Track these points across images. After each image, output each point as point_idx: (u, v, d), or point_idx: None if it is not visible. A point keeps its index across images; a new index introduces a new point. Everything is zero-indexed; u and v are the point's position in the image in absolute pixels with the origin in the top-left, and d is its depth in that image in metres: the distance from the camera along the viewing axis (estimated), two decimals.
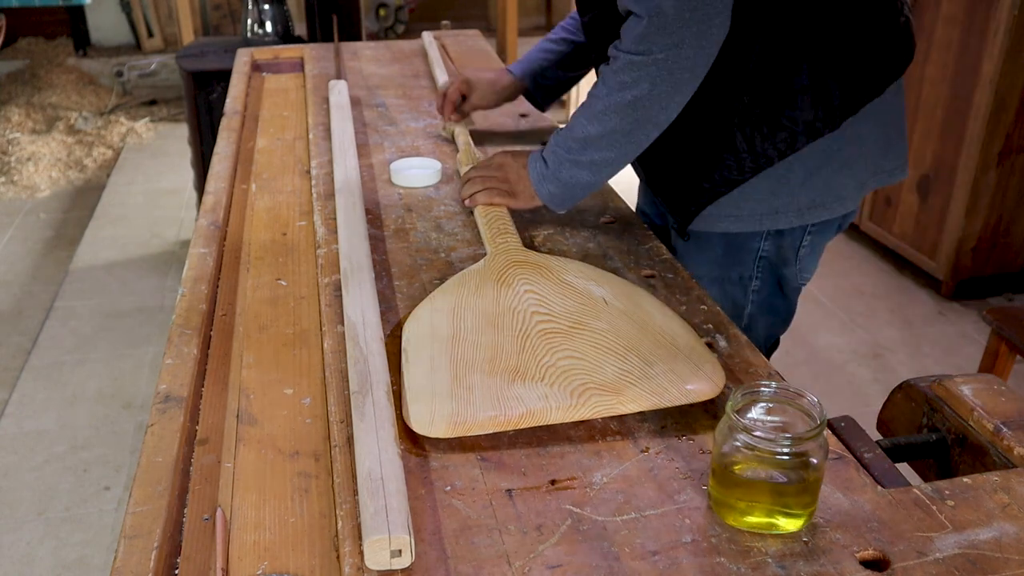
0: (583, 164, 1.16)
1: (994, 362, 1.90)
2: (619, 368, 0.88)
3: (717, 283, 1.31)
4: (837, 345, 2.69)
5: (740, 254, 1.28)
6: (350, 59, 2.16)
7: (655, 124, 1.12)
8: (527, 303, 0.98)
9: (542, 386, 0.86)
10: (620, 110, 1.10)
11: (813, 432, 0.70)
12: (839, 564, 0.69)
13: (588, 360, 0.89)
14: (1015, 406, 0.86)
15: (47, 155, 4.18)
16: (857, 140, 1.19)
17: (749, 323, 1.35)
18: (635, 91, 1.08)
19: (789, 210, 1.22)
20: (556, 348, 0.90)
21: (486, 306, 0.99)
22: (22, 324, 2.84)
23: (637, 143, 1.14)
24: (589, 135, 1.14)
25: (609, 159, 1.15)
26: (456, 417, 0.82)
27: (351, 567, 0.68)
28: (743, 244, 1.27)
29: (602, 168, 1.17)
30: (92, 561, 1.90)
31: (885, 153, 1.25)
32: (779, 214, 1.22)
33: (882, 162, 1.25)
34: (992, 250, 2.85)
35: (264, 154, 1.58)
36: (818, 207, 1.23)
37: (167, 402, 0.87)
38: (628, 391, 0.85)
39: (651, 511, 0.74)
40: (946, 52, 2.73)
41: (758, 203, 1.22)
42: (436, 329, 0.95)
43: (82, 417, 2.36)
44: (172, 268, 3.17)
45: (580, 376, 0.87)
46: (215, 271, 1.15)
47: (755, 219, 1.23)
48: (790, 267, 1.29)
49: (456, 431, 0.82)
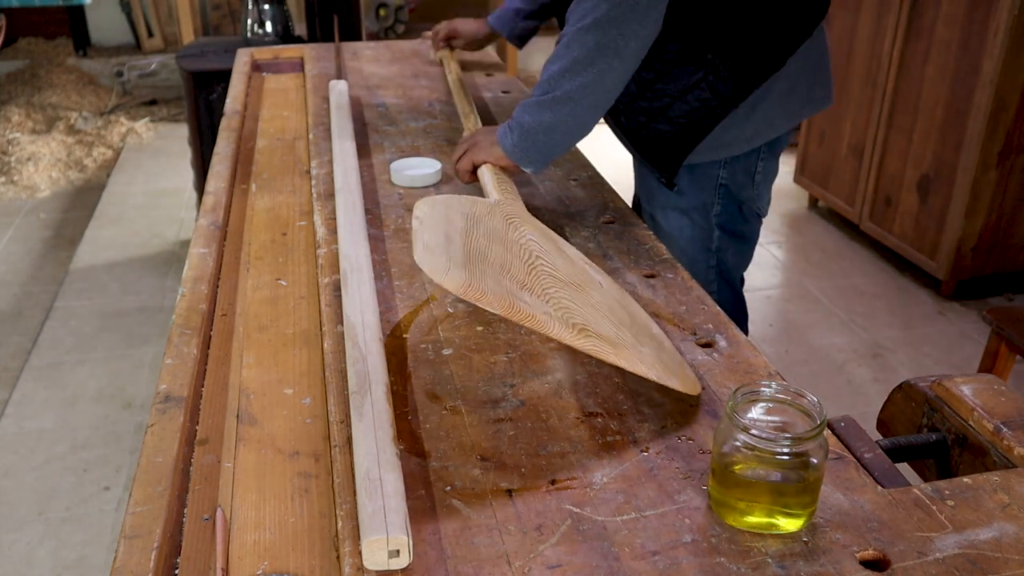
0: (544, 104, 1.22)
1: (994, 362, 1.90)
2: (615, 331, 0.88)
3: (685, 214, 1.49)
4: (837, 345, 2.69)
5: (702, 181, 1.46)
6: (350, 59, 2.16)
7: (615, 51, 1.18)
8: (532, 247, 0.98)
9: (547, 306, 0.85)
10: (581, 37, 1.18)
11: (813, 432, 0.70)
12: (839, 564, 0.69)
13: (587, 313, 0.89)
14: (1015, 406, 0.86)
15: (47, 155, 4.18)
16: (788, 77, 1.37)
17: (719, 246, 1.52)
18: (595, 14, 1.16)
19: (739, 139, 1.41)
20: (558, 290, 0.90)
21: (496, 227, 0.98)
22: (22, 324, 2.84)
23: (600, 73, 1.19)
24: (552, 73, 1.21)
25: (571, 92, 1.20)
26: (469, 284, 0.81)
27: (351, 567, 0.68)
28: (704, 173, 1.45)
29: (563, 105, 1.21)
30: (92, 561, 1.90)
31: (812, 86, 1.43)
32: (731, 145, 1.41)
33: (810, 94, 1.44)
34: (992, 250, 2.85)
35: (264, 154, 1.58)
36: (759, 135, 1.42)
37: (167, 402, 0.87)
38: (622, 350, 0.85)
39: (651, 511, 0.74)
40: (946, 52, 2.73)
41: (712, 138, 1.39)
42: (451, 220, 0.94)
43: (82, 417, 2.36)
44: (172, 268, 3.17)
45: (580, 318, 0.87)
46: (215, 271, 1.15)
47: (712, 151, 1.41)
48: (747, 191, 1.48)
49: (468, 294, 0.81)
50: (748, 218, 1.52)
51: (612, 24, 1.16)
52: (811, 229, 3.47)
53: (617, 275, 1.14)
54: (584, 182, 1.45)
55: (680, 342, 0.99)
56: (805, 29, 1.35)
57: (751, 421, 0.73)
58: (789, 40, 1.33)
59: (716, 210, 1.49)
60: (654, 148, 1.41)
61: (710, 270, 1.54)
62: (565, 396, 0.90)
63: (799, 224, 3.51)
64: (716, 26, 1.30)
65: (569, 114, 1.22)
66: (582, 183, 1.44)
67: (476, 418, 0.87)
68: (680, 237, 1.51)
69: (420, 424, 0.86)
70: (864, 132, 3.13)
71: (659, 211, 1.52)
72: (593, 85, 1.20)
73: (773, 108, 1.40)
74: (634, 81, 1.34)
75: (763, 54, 1.32)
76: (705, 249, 1.52)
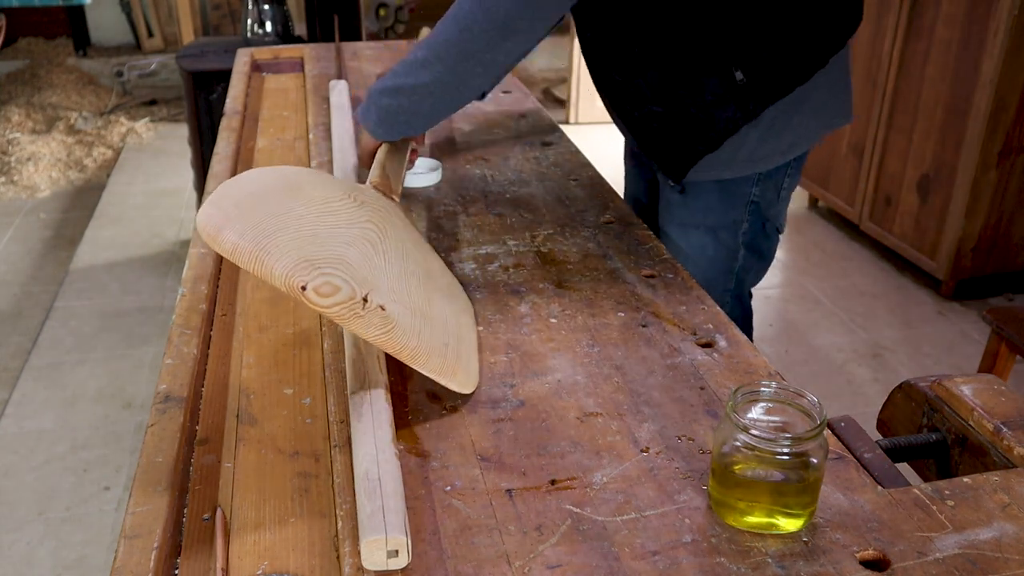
0: (397, 73, 1.20)
1: (994, 362, 1.90)
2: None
3: (711, 231, 1.42)
4: (837, 345, 2.69)
5: (733, 199, 1.39)
6: (350, 59, 2.16)
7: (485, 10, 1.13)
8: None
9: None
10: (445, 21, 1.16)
11: (813, 432, 0.70)
12: (839, 564, 0.69)
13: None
14: (1015, 406, 0.86)
15: (47, 155, 4.18)
16: (823, 88, 1.33)
17: (743, 265, 1.46)
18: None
19: (775, 153, 1.35)
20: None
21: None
22: (22, 324, 2.84)
23: (462, 41, 1.15)
24: (414, 57, 1.19)
25: (425, 58, 1.17)
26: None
27: (351, 567, 0.68)
28: (736, 190, 1.38)
29: (418, 70, 1.18)
30: (92, 561, 1.90)
31: (837, 99, 1.40)
32: (767, 159, 1.36)
33: (836, 106, 1.40)
34: (992, 250, 2.85)
35: (264, 154, 1.58)
36: (795, 148, 1.37)
37: (167, 402, 0.87)
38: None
39: (651, 511, 0.74)
40: (946, 52, 2.73)
41: (751, 151, 1.33)
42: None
43: (82, 417, 2.36)
44: (172, 268, 3.17)
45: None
46: (215, 271, 1.15)
47: (748, 164, 1.35)
48: (773, 208, 1.42)
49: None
50: (770, 234, 1.46)
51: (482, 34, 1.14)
52: (811, 229, 3.47)
53: (617, 275, 1.14)
54: (584, 182, 1.45)
55: (680, 342, 0.99)
56: (836, 42, 1.30)
57: (751, 421, 0.73)
58: (817, 53, 1.28)
59: (744, 228, 1.42)
60: (664, 151, 1.37)
61: (726, 292, 1.47)
62: (565, 396, 0.90)
63: (799, 224, 3.51)
64: (738, 35, 1.25)
65: (420, 76, 1.19)
66: (582, 183, 1.44)
67: (476, 418, 0.87)
68: (701, 257, 1.44)
69: (420, 424, 0.86)
70: (864, 132, 3.13)
71: (676, 228, 1.45)
72: (451, 48, 1.17)
73: (809, 120, 1.35)
74: (648, 85, 1.30)
75: (787, 66, 1.27)
76: (726, 271, 1.44)
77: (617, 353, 0.97)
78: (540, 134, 1.65)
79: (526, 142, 1.61)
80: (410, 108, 1.21)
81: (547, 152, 1.57)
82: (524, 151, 1.57)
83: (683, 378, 0.93)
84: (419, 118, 1.23)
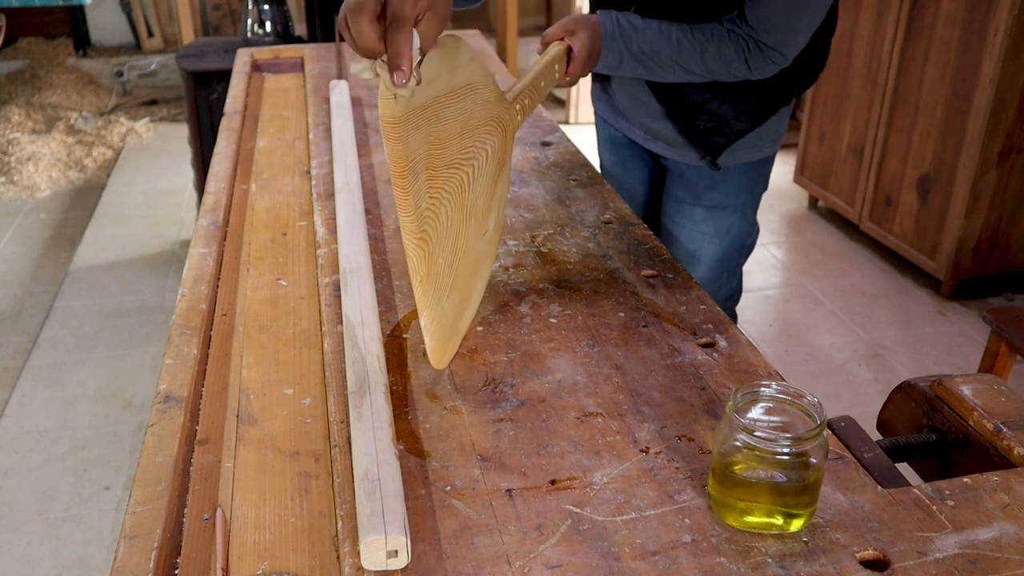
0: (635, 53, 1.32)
1: (994, 362, 1.90)
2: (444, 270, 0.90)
3: (740, 210, 1.55)
4: (837, 345, 2.69)
5: (759, 178, 1.55)
6: (350, 59, 2.16)
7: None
8: (477, 159, 0.95)
9: (426, 199, 0.84)
10: (700, 65, 1.31)
11: (813, 432, 0.70)
12: (839, 564, 0.69)
13: (445, 238, 0.89)
14: (1015, 406, 0.86)
15: (47, 155, 4.18)
16: None
17: (753, 237, 1.60)
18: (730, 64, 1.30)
19: (784, 133, 1.53)
20: (446, 201, 0.89)
21: (475, 114, 0.94)
22: (22, 324, 2.84)
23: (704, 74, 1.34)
24: (658, 50, 1.31)
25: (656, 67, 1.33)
26: (399, 121, 0.79)
27: (351, 567, 0.68)
28: (760, 169, 1.54)
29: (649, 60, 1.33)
30: (92, 561, 1.90)
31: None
32: (783, 135, 1.53)
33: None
34: (992, 250, 2.85)
35: (264, 154, 1.58)
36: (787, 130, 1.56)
37: (167, 402, 0.87)
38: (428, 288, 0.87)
39: (651, 511, 0.74)
40: (946, 52, 2.73)
41: (773, 132, 1.49)
42: (454, 71, 0.89)
43: (82, 417, 2.36)
44: (172, 268, 3.17)
45: (435, 233, 0.87)
46: (215, 271, 1.15)
47: (772, 145, 1.52)
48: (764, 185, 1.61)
49: (390, 129, 0.78)
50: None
51: (731, 66, 1.30)
52: (811, 229, 3.47)
53: (617, 275, 1.14)
54: (584, 182, 1.45)
55: (680, 342, 0.99)
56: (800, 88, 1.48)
57: (751, 421, 0.73)
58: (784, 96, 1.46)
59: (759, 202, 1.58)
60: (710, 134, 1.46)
61: (737, 267, 1.60)
62: (565, 396, 0.90)
63: (799, 224, 3.51)
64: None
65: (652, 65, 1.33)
66: (582, 183, 1.44)
67: (476, 418, 0.87)
68: (725, 235, 1.55)
69: (420, 424, 0.86)
70: (864, 132, 3.13)
71: (703, 211, 1.55)
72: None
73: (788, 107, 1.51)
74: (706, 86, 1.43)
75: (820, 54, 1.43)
76: (741, 246, 1.58)
77: (617, 353, 0.97)
78: (540, 134, 1.65)
79: (526, 142, 1.61)
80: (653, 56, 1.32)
81: (547, 152, 1.57)
82: (524, 151, 1.57)
83: (683, 378, 0.93)
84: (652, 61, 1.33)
